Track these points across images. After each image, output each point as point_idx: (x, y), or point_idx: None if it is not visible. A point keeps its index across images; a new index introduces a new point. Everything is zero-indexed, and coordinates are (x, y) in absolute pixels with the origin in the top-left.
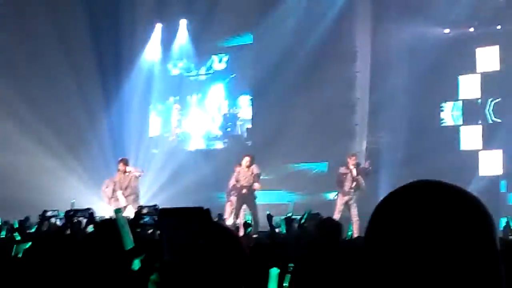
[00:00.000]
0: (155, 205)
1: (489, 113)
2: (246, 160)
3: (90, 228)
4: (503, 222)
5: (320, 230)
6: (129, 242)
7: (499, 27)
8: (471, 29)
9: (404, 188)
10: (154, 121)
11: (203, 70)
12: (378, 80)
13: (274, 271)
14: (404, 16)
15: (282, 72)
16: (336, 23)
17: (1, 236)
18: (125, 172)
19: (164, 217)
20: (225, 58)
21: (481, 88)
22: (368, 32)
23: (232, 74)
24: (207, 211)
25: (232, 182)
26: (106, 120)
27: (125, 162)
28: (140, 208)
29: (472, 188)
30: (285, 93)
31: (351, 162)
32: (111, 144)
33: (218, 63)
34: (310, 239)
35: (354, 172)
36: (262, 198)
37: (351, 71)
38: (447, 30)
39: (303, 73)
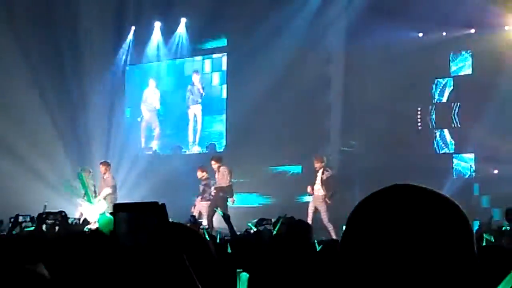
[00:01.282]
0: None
1: (459, 117)
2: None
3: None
4: (475, 225)
5: (289, 231)
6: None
7: (472, 31)
8: (444, 33)
9: (382, 191)
10: (132, 127)
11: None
12: (352, 83)
13: (244, 276)
14: (378, 20)
15: (256, 75)
16: (310, 25)
17: None
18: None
19: (118, 212)
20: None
21: (454, 92)
22: (342, 35)
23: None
24: (163, 206)
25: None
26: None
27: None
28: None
29: (446, 191)
30: (259, 96)
31: (316, 164)
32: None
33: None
34: (279, 240)
35: (319, 174)
36: (237, 201)
37: (325, 74)
38: (420, 34)
39: (277, 75)
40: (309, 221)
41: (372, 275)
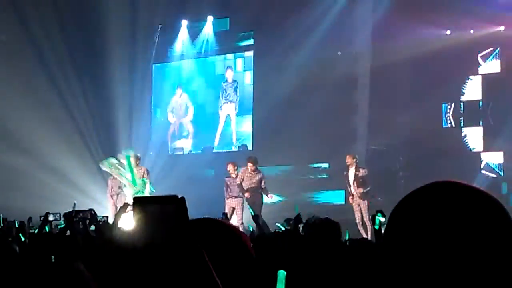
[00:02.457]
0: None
1: (490, 115)
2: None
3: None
4: None
5: (316, 230)
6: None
7: (501, 28)
8: (472, 31)
9: (424, 188)
10: (156, 126)
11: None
12: (379, 82)
13: (282, 274)
14: (404, 18)
15: (283, 75)
16: (337, 24)
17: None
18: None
19: (138, 205)
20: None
21: (482, 90)
22: (369, 34)
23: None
24: (182, 199)
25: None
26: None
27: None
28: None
29: None
30: (286, 96)
31: (348, 162)
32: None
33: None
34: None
35: (352, 171)
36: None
37: (352, 73)
38: (448, 32)
39: (304, 75)
40: (357, 220)
41: (415, 273)
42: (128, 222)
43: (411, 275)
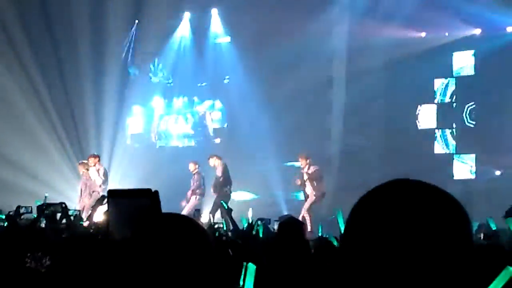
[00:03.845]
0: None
1: (465, 117)
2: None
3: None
4: (475, 226)
5: (281, 229)
6: None
7: (476, 31)
8: (447, 33)
9: (385, 185)
10: (135, 120)
11: (171, 79)
12: (354, 82)
13: (252, 267)
14: (380, 19)
15: (257, 72)
16: (314, 23)
17: None
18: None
19: (113, 197)
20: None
21: (456, 92)
22: (345, 34)
23: (203, 82)
24: (156, 192)
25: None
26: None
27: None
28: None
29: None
30: (260, 94)
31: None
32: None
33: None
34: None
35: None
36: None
37: (327, 73)
38: (423, 34)
39: (279, 72)
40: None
41: (372, 269)
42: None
43: (367, 271)
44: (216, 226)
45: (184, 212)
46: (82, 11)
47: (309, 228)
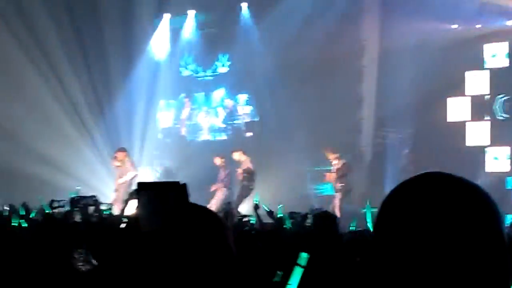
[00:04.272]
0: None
1: (497, 109)
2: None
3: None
4: (509, 219)
5: (314, 223)
6: None
7: (508, 23)
8: (479, 25)
9: (415, 179)
10: (165, 113)
11: (209, 72)
12: (385, 75)
13: (304, 255)
14: (412, 11)
15: (288, 66)
16: (344, 16)
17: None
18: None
19: (142, 190)
20: (228, 63)
21: (489, 84)
22: (376, 26)
23: (234, 75)
24: (184, 185)
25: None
26: (111, 110)
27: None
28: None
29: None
30: (291, 87)
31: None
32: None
33: (222, 66)
34: (305, 233)
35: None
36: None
37: (358, 65)
38: (454, 26)
39: (309, 66)
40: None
41: (402, 263)
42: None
43: (400, 265)
44: (245, 219)
45: (212, 206)
46: (110, 3)
47: None
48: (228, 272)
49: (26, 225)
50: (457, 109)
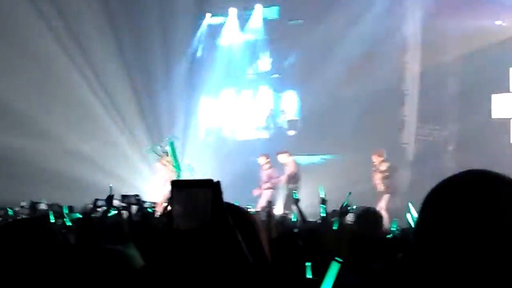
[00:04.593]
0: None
1: None
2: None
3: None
4: None
5: (358, 222)
6: None
7: None
8: None
9: (457, 176)
10: (207, 112)
11: (251, 71)
12: (428, 71)
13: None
14: (455, 7)
15: (331, 63)
16: (387, 12)
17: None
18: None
19: (176, 187)
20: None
21: None
22: (419, 22)
23: (276, 73)
24: (218, 183)
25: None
26: (153, 108)
27: None
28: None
29: None
30: (333, 85)
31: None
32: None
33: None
34: (348, 232)
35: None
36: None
37: (401, 62)
38: (498, 22)
39: (352, 63)
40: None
41: (444, 259)
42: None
43: (440, 262)
44: (286, 217)
45: (259, 205)
46: (150, 2)
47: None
48: (259, 271)
49: (69, 224)
50: (501, 105)
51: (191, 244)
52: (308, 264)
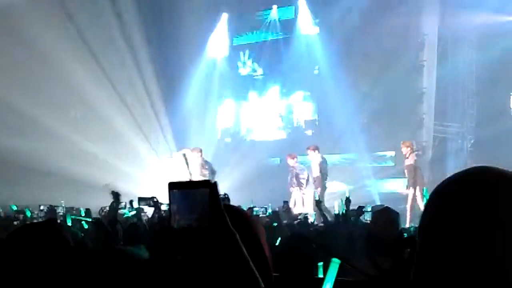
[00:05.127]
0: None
1: None
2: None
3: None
4: None
5: (374, 222)
6: None
7: None
8: None
9: (460, 174)
10: (224, 113)
11: (260, 71)
12: (445, 69)
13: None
14: (471, 4)
15: (348, 60)
16: (404, 10)
17: (68, 224)
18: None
19: (172, 189)
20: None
21: None
22: (435, 20)
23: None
24: (215, 184)
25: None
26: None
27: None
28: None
29: None
30: (350, 83)
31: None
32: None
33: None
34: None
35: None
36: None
37: (418, 60)
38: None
39: (369, 61)
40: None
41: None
42: None
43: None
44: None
45: (291, 206)
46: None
47: (407, 224)
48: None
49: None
50: None
51: (189, 244)
52: (320, 264)
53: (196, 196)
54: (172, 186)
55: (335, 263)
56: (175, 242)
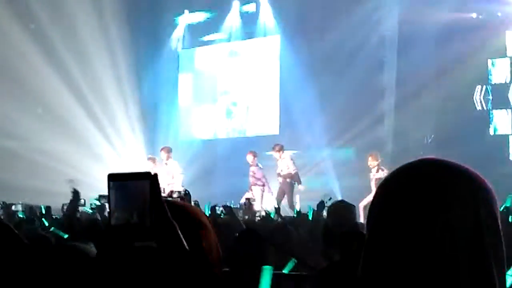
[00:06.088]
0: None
1: None
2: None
3: None
4: None
5: (329, 215)
6: None
7: None
8: (499, 13)
9: (407, 165)
10: (193, 113)
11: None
12: (406, 65)
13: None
14: (431, 0)
15: (308, 58)
16: (364, 6)
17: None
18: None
19: (112, 180)
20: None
21: (511, 72)
22: (395, 16)
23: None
24: (155, 175)
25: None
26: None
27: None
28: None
29: (503, 173)
30: (312, 80)
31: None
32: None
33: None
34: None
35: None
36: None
37: (379, 56)
38: (474, 15)
39: (329, 58)
40: None
41: (391, 249)
42: None
43: (381, 253)
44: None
45: (257, 205)
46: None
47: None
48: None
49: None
50: (480, 98)
51: (129, 238)
52: (266, 267)
53: (137, 187)
54: (112, 177)
55: (267, 271)
56: (112, 239)
